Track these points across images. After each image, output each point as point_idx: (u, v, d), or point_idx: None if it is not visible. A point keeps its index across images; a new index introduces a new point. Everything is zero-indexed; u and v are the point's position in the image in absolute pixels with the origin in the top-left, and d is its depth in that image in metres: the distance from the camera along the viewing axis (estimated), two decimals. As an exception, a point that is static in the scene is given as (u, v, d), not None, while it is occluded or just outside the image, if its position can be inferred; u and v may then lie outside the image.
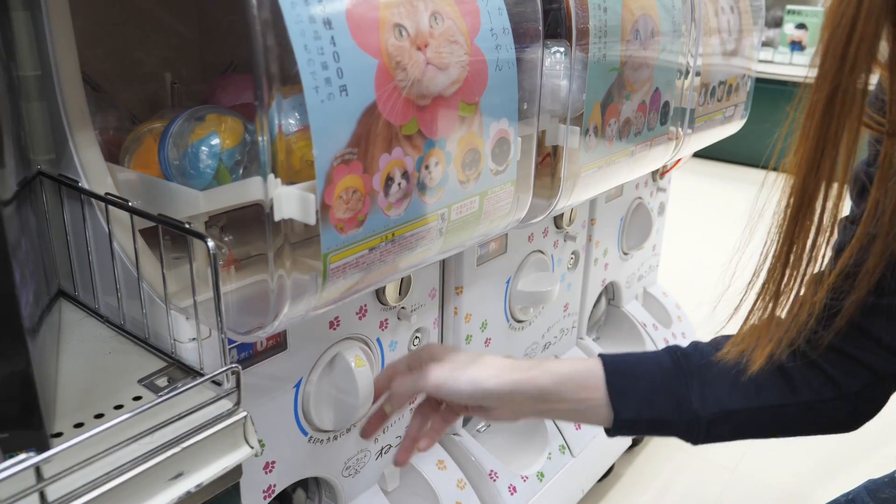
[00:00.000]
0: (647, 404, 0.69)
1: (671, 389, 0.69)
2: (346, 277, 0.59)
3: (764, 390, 0.68)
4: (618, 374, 0.70)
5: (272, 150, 0.53)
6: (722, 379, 0.69)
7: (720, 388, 0.69)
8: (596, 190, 0.94)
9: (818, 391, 0.67)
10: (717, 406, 0.68)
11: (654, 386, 0.70)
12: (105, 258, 0.67)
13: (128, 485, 0.51)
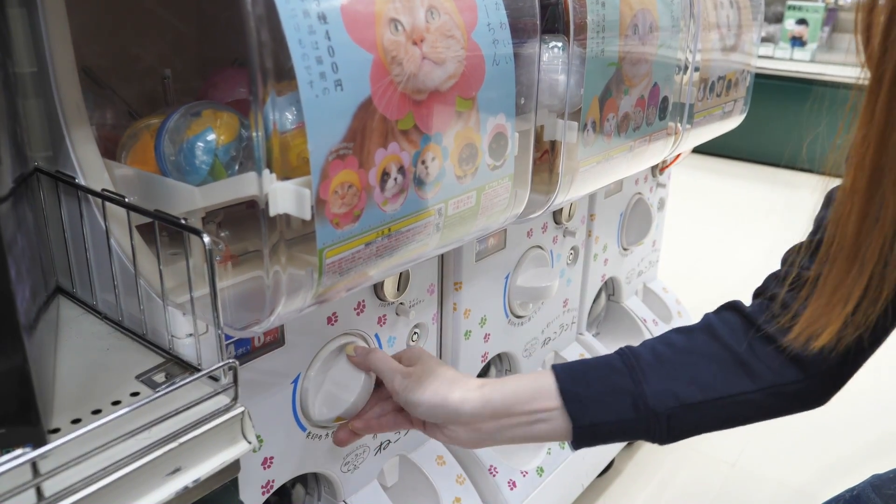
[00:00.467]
0: (603, 407, 0.69)
1: (626, 390, 0.69)
2: (342, 273, 0.59)
3: (721, 380, 0.68)
4: (570, 380, 0.70)
5: (267, 146, 0.53)
6: (675, 374, 0.69)
7: (675, 383, 0.69)
8: (594, 185, 0.94)
9: (781, 374, 0.67)
10: (673, 400, 0.68)
11: (607, 388, 0.70)
12: (102, 255, 0.67)
13: (125, 480, 0.51)
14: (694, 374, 0.69)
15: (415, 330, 0.93)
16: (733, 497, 1.46)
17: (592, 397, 0.69)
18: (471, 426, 0.72)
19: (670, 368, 0.69)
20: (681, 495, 1.46)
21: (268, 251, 0.56)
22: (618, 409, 0.69)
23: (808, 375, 0.67)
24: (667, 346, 0.71)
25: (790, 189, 3.52)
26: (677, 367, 0.69)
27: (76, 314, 0.73)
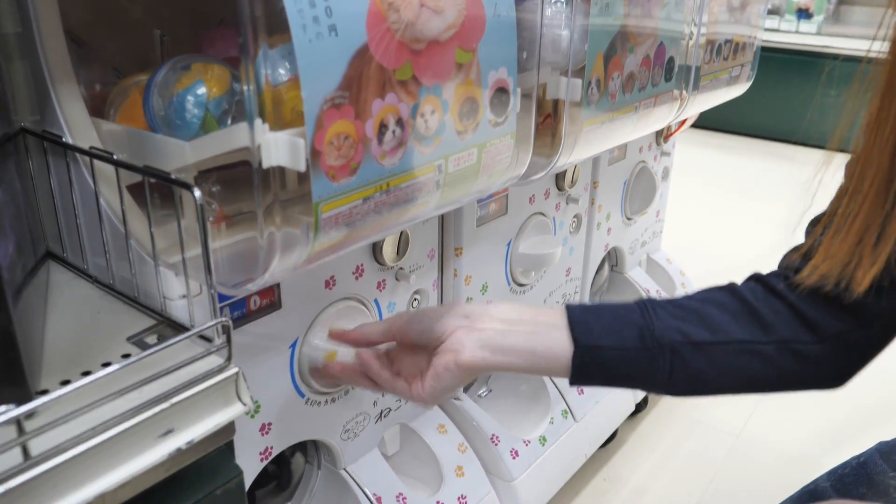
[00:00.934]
0: (607, 333, 0.66)
1: (634, 322, 0.67)
2: (338, 229, 0.57)
3: (732, 326, 0.66)
4: (580, 310, 0.68)
5: (259, 98, 0.51)
6: (686, 315, 0.67)
7: (684, 322, 0.67)
8: (598, 147, 0.92)
9: (794, 331, 0.65)
10: (680, 335, 0.66)
11: (615, 317, 0.67)
12: (92, 216, 0.65)
13: (116, 440, 0.50)
14: (705, 316, 0.67)
15: (415, 296, 0.91)
16: (738, 467, 1.45)
17: (599, 324, 0.67)
18: (477, 325, 0.68)
19: (681, 310, 0.68)
20: (685, 466, 1.45)
21: (262, 211, 0.54)
22: (623, 336, 0.66)
23: (821, 338, 0.65)
24: (683, 296, 0.70)
25: (795, 164, 3.49)
26: (689, 310, 0.67)
27: (67, 278, 0.71)
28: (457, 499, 0.98)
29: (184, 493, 0.57)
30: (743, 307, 0.67)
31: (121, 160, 0.60)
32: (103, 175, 0.64)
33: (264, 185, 0.53)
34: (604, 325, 0.67)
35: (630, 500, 1.35)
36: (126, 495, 0.52)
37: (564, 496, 1.32)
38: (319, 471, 0.91)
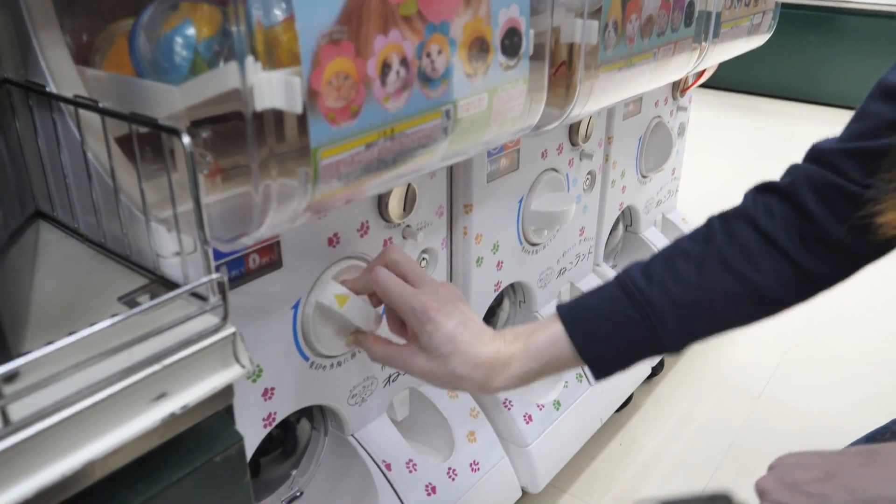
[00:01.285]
0: (621, 359, 0.67)
1: (643, 342, 0.66)
2: (340, 178, 0.53)
3: (743, 316, 0.69)
4: (586, 342, 0.67)
5: (250, 32, 0.46)
6: (693, 315, 0.67)
7: (694, 325, 0.67)
8: (615, 96, 0.87)
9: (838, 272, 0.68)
10: (692, 339, 0.67)
11: (624, 342, 0.67)
12: (80, 171, 0.62)
13: (103, 405, 0.46)
14: (711, 313, 0.67)
15: (423, 255, 0.88)
16: (758, 431, 1.41)
17: (612, 355, 0.67)
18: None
19: (686, 311, 0.66)
20: (703, 430, 1.42)
21: (256, 161, 0.50)
22: (635, 356, 0.67)
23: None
24: (679, 285, 0.66)
25: (812, 123, 3.42)
26: (692, 308, 0.66)
27: (57, 238, 0.68)
28: (469, 465, 0.95)
29: (181, 460, 0.54)
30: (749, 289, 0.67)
31: (106, 108, 0.56)
32: (90, 126, 0.60)
33: (258, 132, 0.49)
34: (615, 358, 0.67)
35: (647, 466, 1.32)
36: (118, 462, 0.49)
37: (579, 461, 1.29)
38: (326, 437, 0.88)
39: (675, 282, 0.66)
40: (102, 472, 0.48)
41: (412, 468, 0.88)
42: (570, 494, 1.24)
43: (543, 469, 1.07)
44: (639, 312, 0.65)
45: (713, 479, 1.30)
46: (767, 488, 0.53)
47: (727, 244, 0.67)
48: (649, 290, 0.66)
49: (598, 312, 0.67)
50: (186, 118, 0.59)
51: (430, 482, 0.89)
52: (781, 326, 1.74)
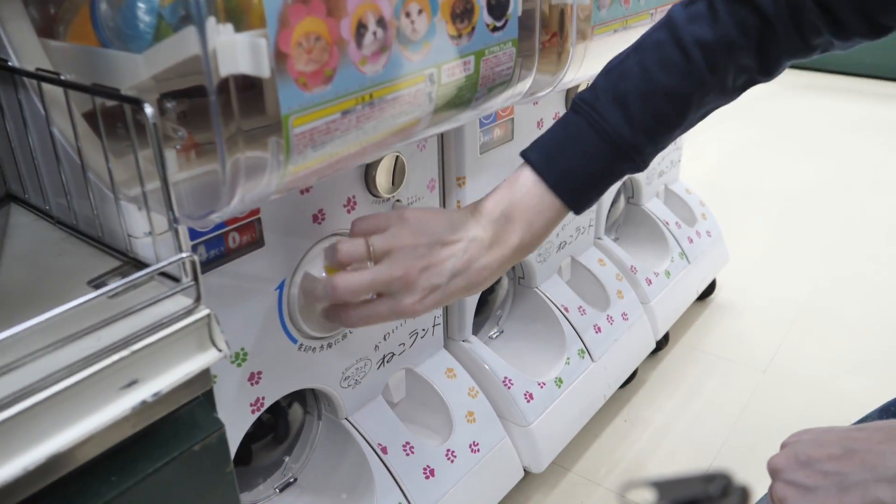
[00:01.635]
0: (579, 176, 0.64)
1: (588, 139, 0.63)
2: (315, 147, 0.50)
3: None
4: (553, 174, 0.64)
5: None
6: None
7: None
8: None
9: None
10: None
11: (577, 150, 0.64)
12: (48, 150, 0.58)
13: (69, 393, 0.43)
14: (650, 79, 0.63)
15: (415, 231, 0.84)
16: (766, 405, 1.39)
17: (571, 168, 0.64)
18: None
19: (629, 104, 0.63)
20: (709, 404, 1.39)
21: (222, 133, 0.47)
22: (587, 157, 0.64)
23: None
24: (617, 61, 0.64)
25: (816, 91, 3.36)
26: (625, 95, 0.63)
27: (28, 221, 0.65)
28: (468, 446, 0.92)
29: (157, 450, 0.51)
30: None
31: (68, 80, 0.53)
32: (55, 102, 0.57)
33: (224, 102, 0.46)
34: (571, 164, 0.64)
35: (653, 441, 1.30)
36: (88, 454, 0.47)
37: (583, 439, 1.27)
38: (320, 421, 0.86)
39: (607, 64, 0.64)
40: (71, 464, 0.46)
41: (409, 451, 0.85)
42: (575, 473, 1.21)
43: (546, 448, 1.05)
44: (578, 112, 0.63)
45: (720, 454, 1.27)
46: (780, 467, 0.50)
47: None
48: (594, 93, 0.64)
49: (551, 133, 0.65)
50: (156, 90, 0.56)
51: (428, 465, 0.86)
52: (788, 296, 1.71)
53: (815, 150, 2.62)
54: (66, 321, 0.46)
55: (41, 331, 0.44)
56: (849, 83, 3.41)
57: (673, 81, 0.62)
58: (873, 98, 3.21)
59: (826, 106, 3.10)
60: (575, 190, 0.63)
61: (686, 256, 1.46)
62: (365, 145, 0.54)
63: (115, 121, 0.55)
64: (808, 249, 1.92)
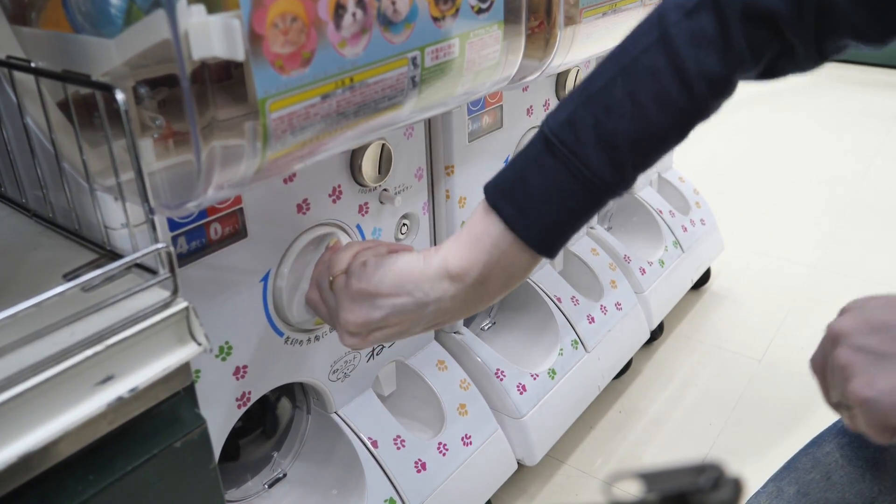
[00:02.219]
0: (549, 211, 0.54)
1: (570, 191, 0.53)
2: (294, 133, 0.48)
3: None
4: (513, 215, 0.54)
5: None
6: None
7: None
8: (599, 44, 0.81)
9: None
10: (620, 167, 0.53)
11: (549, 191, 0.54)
12: (23, 140, 0.57)
13: (41, 389, 0.42)
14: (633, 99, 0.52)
15: (403, 221, 0.83)
16: (762, 394, 1.38)
17: (538, 214, 0.54)
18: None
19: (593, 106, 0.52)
20: (705, 394, 1.38)
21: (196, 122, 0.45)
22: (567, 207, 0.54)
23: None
24: (590, 80, 0.53)
25: (808, 75, 3.34)
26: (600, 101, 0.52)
27: (4, 214, 0.63)
28: (460, 439, 0.91)
29: (136, 447, 0.50)
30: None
31: (39, 67, 0.51)
32: (28, 91, 0.55)
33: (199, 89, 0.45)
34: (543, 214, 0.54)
35: (648, 432, 1.29)
36: (64, 452, 0.45)
37: (578, 431, 1.26)
38: (309, 416, 0.84)
39: (586, 84, 0.53)
40: (46, 463, 0.44)
41: (400, 444, 0.84)
42: (569, 465, 1.20)
43: (540, 440, 1.03)
44: (556, 155, 0.52)
45: (716, 443, 1.26)
46: (848, 330, 0.44)
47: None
48: (573, 131, 0.53)
49: (523, 178, 0.54)
50: (131, 77, 0.54)
51: (419, 458, 0.85)
52: (783, 284, 1.70)
53: (810, 137, 2.61)
54: (40, 315, 0.45)
55: (13, 325, 0.43)
56: (841, 71, 3.40)
57: (671, 121, 0.53)
58: (866, 86, 3.20)
59: (820, 93, 3.09)
60: (556, 243, 0.55)
61: (680, 245, 1.45)
62: (347, 131, 0.53)
63: (91, 110, 0.53)
64: (803, 237, 1.91)
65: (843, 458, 0.64)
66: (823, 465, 0.65)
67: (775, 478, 0.69)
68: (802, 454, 0.68)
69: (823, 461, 0.65)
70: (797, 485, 0.66)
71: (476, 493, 0.93)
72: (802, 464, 0.67)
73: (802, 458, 0.67)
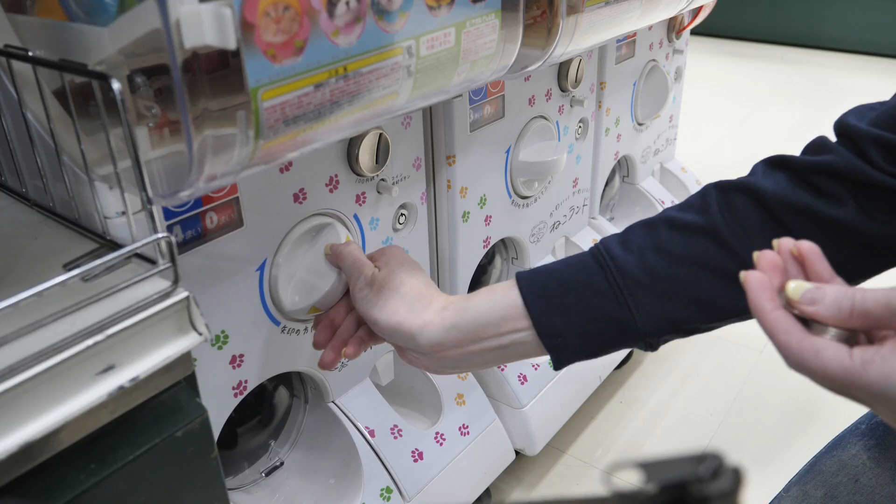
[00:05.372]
0: (586, 341, 0.56)
1: (611, 317, 0.56)
2: (287, 122, 0.49)
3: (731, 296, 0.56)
4: (545, 312, 0.57)
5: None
6: (671, 292, 0.56)
7: (670, 304, 0.56)
8: (602, 34, 0.81)
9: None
10: (668, 326, 0.56)
11: (589, 317, 0.56)
12: (22, 130, 0.57)
13: (42, 378, 0.42)
14: (695, 293, 0.56)
15: (401, 211, 0.83)
16: (763, 384, 1.38)
17: (573, 331, 0.56)
18: (433, 355, 0.59)
19: (664, 286, 0.56)
20: (706, 384, 1.38)
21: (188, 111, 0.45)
22: (603, 340, 0.57)
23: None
24: (659, 255, 0.57)
25: (812, 68, 3.33)
26: (673, 284, 0.55)
27: (5, 204, 0.63)
28: (458, 429, 0.91)
29: (137, 436, 0.50)
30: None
31: (36, 56, 0.51)
32: (26, 81, 0.55)
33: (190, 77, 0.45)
34: (577, 332, 0.56)
35: (649, 422, 1.29)
36: (65, 441, 0.46)
37: (579, 421, 1.26)
38: (306, 405, 0.85)
39: (654, 251, 0.56)
40: (47, 452, 0.45)
41: (397, 434, 0.85)
42: (570, 455, 1.21)
43: (540, 430, 1.04)
44: (608, 281, 0.56)
45: (717, 434, 1.26)
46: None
47: (722, 215, 0.57)
48: (623, 257, 0.56)
49: (561, 276, 0.57)
50: (126, 66, 0.54)
51: (416, 448, 0.86)
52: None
53: (813, 127, 2.60)
54: (40, 305, 0.45)
55: (12, 315, 0.43)
56: (849, 61, 3.38)
57: None
58: (870, 73, 3.18)
59: (827, 83, 3.07)
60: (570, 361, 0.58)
61: (682, 236, 1.44)
62: (341, 120, 0.53)
63: (89, 99, 0.53)
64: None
65: (871, 461, 0.63)
66: (850, 467, 0.64)
67: (799, 481, 0.68)
68: (826, 456, 0.67)
69: (850, 464, 0.64)
70: (824, 488, 0.65)
71: (473, 482, 0.94)
72: (828, 466, 0.66)
73: (827, 461, 0.67)
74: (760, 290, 0.41)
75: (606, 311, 0.56)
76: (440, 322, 0.59)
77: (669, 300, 0.55)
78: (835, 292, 0.39)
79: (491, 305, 0.58)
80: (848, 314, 0.39)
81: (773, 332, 0.40)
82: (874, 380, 0.37)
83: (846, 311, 0.39)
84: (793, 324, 0.40)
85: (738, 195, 0.58)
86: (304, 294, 0.69)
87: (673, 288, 0.55)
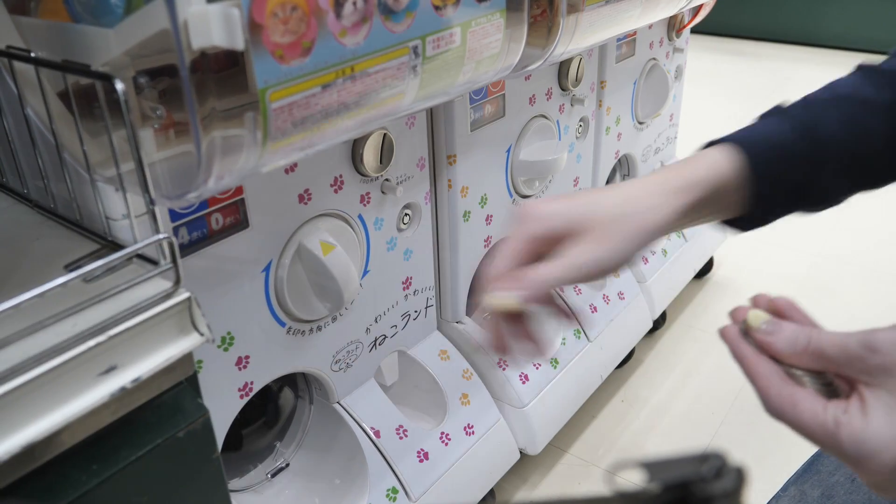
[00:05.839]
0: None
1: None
2: (295, 123, 0.48)
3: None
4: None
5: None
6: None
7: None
8: (602, 33, 0.81)
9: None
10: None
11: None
12: (24, 131, 0.57)
13: (45, 379, 0.42)
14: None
15: (405, 211, 0.82)
16: (763, 382, 1.38)
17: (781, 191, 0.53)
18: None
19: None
20: (707, 383, 1.38)
21: (196, 112, 0.45)
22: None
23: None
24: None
25: (812, 66, 3.33)
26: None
27: (7, 205, 0.63)
28: (463, 429, 0.91)
29: (139, 437, 0.50)
30: None
31: (39, 57, 0.51)
32: (29, 82, 0.55)
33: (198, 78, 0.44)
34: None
35: (650, 422, 1.29)
36: (67, 442, 0.46)
37: (580, 420, 1.26)
38: (312, 405, 0.84)
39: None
40: (50, 453, 0.45)
41: (403, 434, 0.84)
42: (571, 454, 1.21)
43: (542, 430, 1.03)
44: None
45: (718, 433, 1.26)
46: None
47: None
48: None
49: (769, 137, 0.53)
50: (131, 67, 0.54)
51: (422, 448, 0.85)
52: (786, 274, 1.69)
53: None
54: (42, 306, 0.45)
55: (15, 315, 0.43)
56: (849, 59, 3.38)
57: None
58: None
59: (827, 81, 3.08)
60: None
61: (683, 234, 1.44)
62: (348, 120, 0.53)
63: (91, 101, 0.53)
64: (806, 226, 1.90)
65: None
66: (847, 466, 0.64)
67: (796, 481, 0.68)
68: (824, 456, 0.67)
69: None
70: (821, 488, 0.65)
71: (478, 482, 0.93)
72: (825, 466, 0.66)
73: (824, 460, 0.67)
74: (740, 340, 0.43)
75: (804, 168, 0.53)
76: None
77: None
78: (793, 328, 0.40)
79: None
80: (802, 349, 0.40)
81: (754, 378, 0.41)
82: (846, 442, 0.37)
83: (800, 347, 0.40)
84: (774, 372, 0.41)
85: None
86: (313, 295, 0.69)
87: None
